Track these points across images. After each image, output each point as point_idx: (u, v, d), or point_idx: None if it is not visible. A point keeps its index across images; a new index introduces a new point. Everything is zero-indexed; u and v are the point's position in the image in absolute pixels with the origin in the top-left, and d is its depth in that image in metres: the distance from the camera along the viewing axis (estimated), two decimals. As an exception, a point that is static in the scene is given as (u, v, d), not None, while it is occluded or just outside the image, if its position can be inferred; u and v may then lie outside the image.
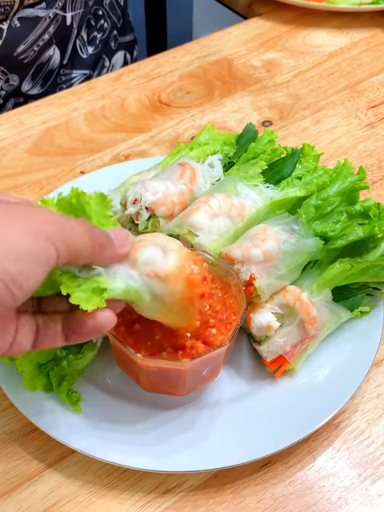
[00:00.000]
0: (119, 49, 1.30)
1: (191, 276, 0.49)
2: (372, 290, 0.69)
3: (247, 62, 1.12)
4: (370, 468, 0.61)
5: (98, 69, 1.24)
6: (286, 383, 0.65)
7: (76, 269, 0.47)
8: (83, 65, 1.21)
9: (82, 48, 1.18)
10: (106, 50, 1.26)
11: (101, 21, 1.21)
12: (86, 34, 1.18)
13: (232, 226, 0.69)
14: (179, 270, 0.49)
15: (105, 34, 1.24)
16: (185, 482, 0.60)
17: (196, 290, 0.50)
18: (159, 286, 0.49)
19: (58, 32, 1.09)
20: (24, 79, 1.11)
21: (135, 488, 0.60)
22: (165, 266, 0.49)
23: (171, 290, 0.49)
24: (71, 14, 1.10)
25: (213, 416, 0.62)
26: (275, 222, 0.68)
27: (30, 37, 1.05)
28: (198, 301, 0.51)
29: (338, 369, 0.65)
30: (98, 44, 1.22)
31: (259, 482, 0.60)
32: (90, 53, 1.21)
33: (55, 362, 0.63)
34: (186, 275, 0.49)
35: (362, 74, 1.09)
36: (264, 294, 0.63)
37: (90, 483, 0.60)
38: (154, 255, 0.49)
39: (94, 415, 0.62)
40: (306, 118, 1.01)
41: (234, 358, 0.67)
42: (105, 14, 1.22)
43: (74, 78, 1.20)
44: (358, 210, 0.69)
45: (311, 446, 0.63)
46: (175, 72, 1.11)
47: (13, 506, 0.59)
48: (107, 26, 1.24)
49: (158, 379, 0.59)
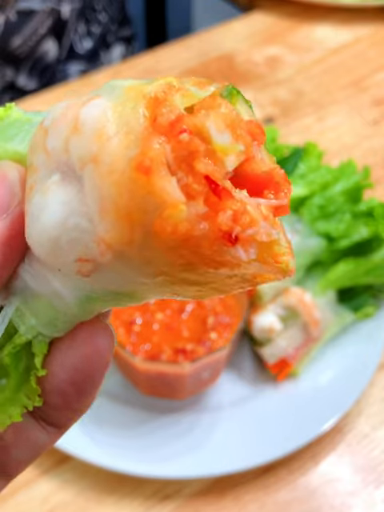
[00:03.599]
0: (117, 43, 1.29)
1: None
2: (376, 291, 0.69)
3: (249, 57, 1.11)
4: (374, 473, 0.60)
5: (95, 63, 1.24)
6: (288, 387, 0.64)
7: None
8: (80, 59, 1.20)
9: (79, 42, 1.18)
10: (104, 44, 1.26)
11: (98, 14, 1.21)
12: (82, 27, 1.17)
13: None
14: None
15: (102, 27, 1.23)
16: (185, 488, 0.59)
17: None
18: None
19: (54, 26, 1.09)
20: (20, 73, 1.11)
21: (134, 494, 0.59)
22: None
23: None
24: (68, 7, 1.09)
25: (213, 420, 0.62)
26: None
27: (26, 30, 1.04)
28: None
29: (341, 372, 0.64)
30: (95, 38, 1.21)
31: (261, 488, 0.59)
32: (87, 47, 1.20)
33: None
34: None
35: (366, 70, 1.08)
36: (266, 295, 0.63)
37: (88, 489, 0.59)
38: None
39: (91, 420, 0.61)
40: (308, 115, 1.00)
41: (235, 361, 0.66)
42: (102, 7, 1.22)
43: (71, 72, 1.19)
44: (362, 210, 0.68)
45: (314, 450, 0.62)
46: (175, 68, 1.09)
47: (9, 511, 0.58)
48: (105, 19, 1.23)
49: (158, 383, 0.59)
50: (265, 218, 0.22)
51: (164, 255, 0.21)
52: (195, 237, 0.21)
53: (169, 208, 0.20)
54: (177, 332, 0.59)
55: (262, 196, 0.23)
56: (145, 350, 0.57)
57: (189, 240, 0.21)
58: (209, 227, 0.21)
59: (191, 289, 0.23)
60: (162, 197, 0.20)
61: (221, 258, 0.21)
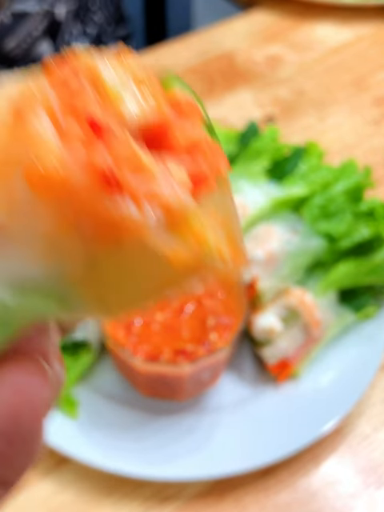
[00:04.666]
0: (113, 43, 1.29)
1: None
2: (378, 291, 0.69)
3: (249, 56, 1.11)
4: (375, 474, 0.60)
5: None
6: (289, 388, 0.63)
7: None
8: None
9: (75, 43, 1.17)
10: (100, 45, 1.25)
11: (93, 15, 1.20)
12: (78, 28, 1.17)
13: (234, 225, 0.67)
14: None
15: (98, 28, 1.22)
16: (184, 490, 0.59)
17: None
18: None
19: (49, 27, 1.09)
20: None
21: (133, 496, 0.59)
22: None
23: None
24: (63, 9, 1.09)
25: (213, 422, 0.61)
26: (278, 221, 0.67)
27: (21, 33, 1.04)
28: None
29: (342, 373, 0.64)
30: (90, 39, 1.21)
31: (261, 490, 0.59)
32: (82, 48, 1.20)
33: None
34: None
35: (367, 69, 1.07)
36: (266, 295, 0.62)
37: (87, 491, 0.59)
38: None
39: (90, 421, 0.61)
40: (309, 114, 0.99)
41: (236, 362, 0.66)
42: (98, 8, 1.21)
43: None
44: (363, 210, 0.68)
45: (315, 451, 0.61)
46: (175, 67, 1.09)
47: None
48: (100, 20, 1.22)
49: (157, 384, 0.58)
50: (177, 181, 0.18)
51: (46, 216, 0.17)
52: (72, 185, 0.17)
53: (39, 150, 0.17)
54: (177, 333, 0.59)
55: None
56: (144, 351, 0.57)
57: (66, 189, 0.17)
58: (85, 172, 0.17)
59: (114, 287, 0.19)
60: (33, 139, 0.17)
61: (107, 213, 0.17)
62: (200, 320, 0.60)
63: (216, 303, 0.61)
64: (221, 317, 0.60)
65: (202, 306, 0.61)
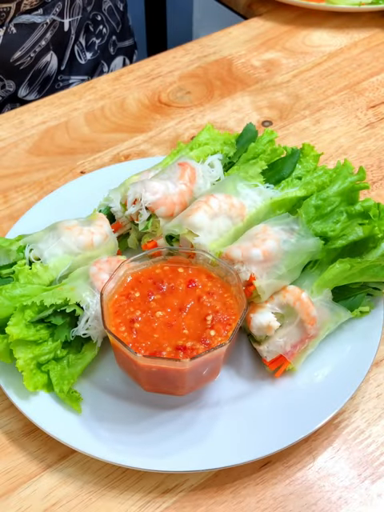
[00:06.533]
0: (118, 54, 1.30)
1: None
2: (372, 289, 0.69)
3: (247, 61, 1.12)
4: (370, 468, 0.61)
5: (96, 74, 1.24)
6: (285, 383, 0.64)
7: None
8: (81, 70, 1.20)
9: (81, 54, 1.18)
10: (105, 56, 1.26)
11: (99, 26, 1.21)
12: (84, 39, 1.18)
13: (232, 225, 0.69)
14: None
15: (103, 39, 1.23)
16: (185, 482, 0.60)
17: None
18: None
19: (55, 38, 1.08)
20: (21, 85, 1.11)
21: (135, 488, 0.60)
22: None
23: None
24: (69, 20, 1.09)
25: (213, 416, 0.62)
26: (275, 222, 0.68)
27: (27, 43, 1.04)
28: None
29: (337, 369, 0.65)
30: (96, 50, 1.22)
31: (259, 482, 0.60)
32: (88, 58, 1.20)
33: (55, 361, 0.63)
34: None
35: (362, 74, 1.09)
36: (264, 293, 0.63)
37: (90, 483, 0.60)
38: None
39: (93, 415, 0.62)
40: (305, 117, 1.01)
41: (234, 358, 0.67)
42: (103, 19, 1.22)
43: (72, 83, 1.19)
44: (358, 210, 0.69)
45: (311, 445, 0.63)
46: (175, 72, 1.11)
47: (13, 505, 0.59)
48: (106, 31, 1.23)
49: (158, 379, 0.59)
50: None
51: None
52: None
53: None
54: (177, 329, 0.59)
55: None
56: (146, 347, 0.58)
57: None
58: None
59: None
60: None
61: None
62: (200, 317, 0.60)
63: (215, 301, 0.61)
64: (220, 314, 0.60)
65: (202, 303, 0.61)
